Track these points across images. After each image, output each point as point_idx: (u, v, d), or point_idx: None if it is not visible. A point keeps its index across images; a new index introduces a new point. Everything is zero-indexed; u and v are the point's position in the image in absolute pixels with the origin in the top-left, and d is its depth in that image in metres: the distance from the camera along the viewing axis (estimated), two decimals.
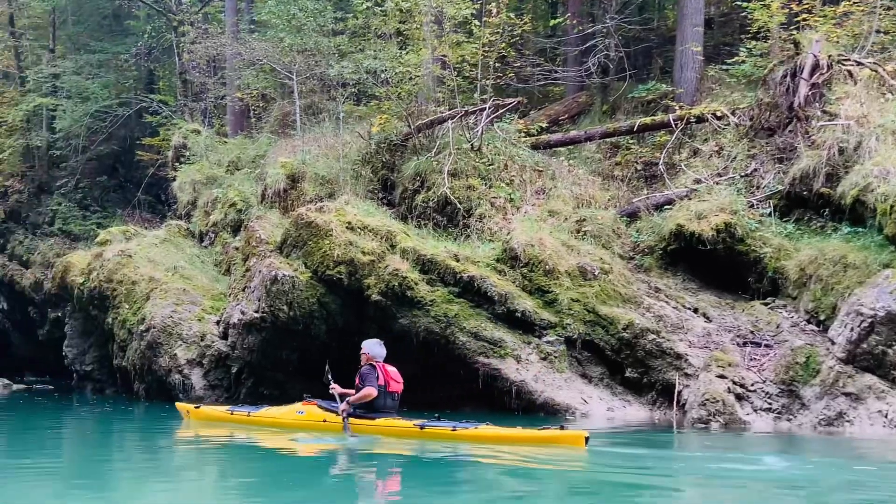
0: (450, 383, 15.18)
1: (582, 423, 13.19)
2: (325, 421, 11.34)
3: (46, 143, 31.18)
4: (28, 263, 30.08)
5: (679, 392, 13.44)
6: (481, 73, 18.42)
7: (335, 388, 11.35)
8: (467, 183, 16.92)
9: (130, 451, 11.84)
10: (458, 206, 16.63)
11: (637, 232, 15.99)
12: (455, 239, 16.19)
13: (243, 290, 16.79)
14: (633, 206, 16.47)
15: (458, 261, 14.96)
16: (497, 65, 18.87)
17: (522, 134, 18.33)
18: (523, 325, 14.45)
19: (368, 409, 11.00)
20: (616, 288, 14.63)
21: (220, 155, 23.32)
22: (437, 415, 11.10)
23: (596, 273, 14.73)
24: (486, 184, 17.02)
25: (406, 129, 18.40)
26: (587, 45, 20.35)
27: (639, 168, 17.90)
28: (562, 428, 9.89)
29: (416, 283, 14.81)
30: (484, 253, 15.40)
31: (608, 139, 18.67)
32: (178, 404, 14.15)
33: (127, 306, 18.76)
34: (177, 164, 23.76)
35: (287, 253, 16.47)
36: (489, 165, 17.27)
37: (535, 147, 18.38)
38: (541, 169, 17.56)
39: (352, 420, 10.96)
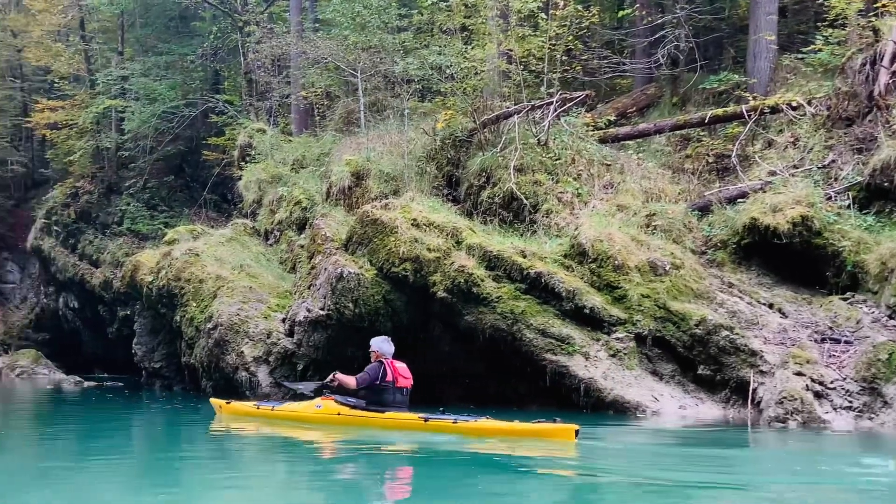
0: (516, 380, 14.97)
1: (654, 421, 12.91)
2: (339, 414, 11.77)
3: (115, 145, 31.80)
4: (98, 263, 30.64)
5: (754, 390, 13.01)
6: (548, 67, 18.15)
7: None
8: (534, 178, 16.66)
9: (199, 447, 11.89)
10: (525, 201, 16.38)
11: (709, 226, 15.54)
12: (521, 235, 15.94)
13: (309, 287, 16.75)
14: (704, 199, 16.03)
15: (524, 257, 14.71)
16: (564, 58, 18.57)
17: (590, 128, 17.99)
18: (592, 321, 14.14)
19: (379, 404, 11.49)
20: (687, 283, 14.24)
21: (285, 153, 23.41)
22: (441, 409, 11.40)
23: (667, 268, 14.36)
24: (552, 179, 16.73)
25: (471, 125, 18.19)
26: (656, 36, 19.92)
27: (710, 161, 17.44)
28: (554, 421, 10.10)
29: (482, 280, 14.60)
30: (551, 249, 15.12)
31: (678, 132, 18.23)
32: (212, 400, 14.54)
33: (194, 304, 18.90)
34: (242, 163, 23.95)
35: (352, 250, 16.40)
36: (556, 160, 16.98)
37: (602, 141, 18.03)
38: (609, 163, 17.23)
39: (360, 414, 11.56)
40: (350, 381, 11.72)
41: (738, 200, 15.40)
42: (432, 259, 15.10)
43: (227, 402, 13.93)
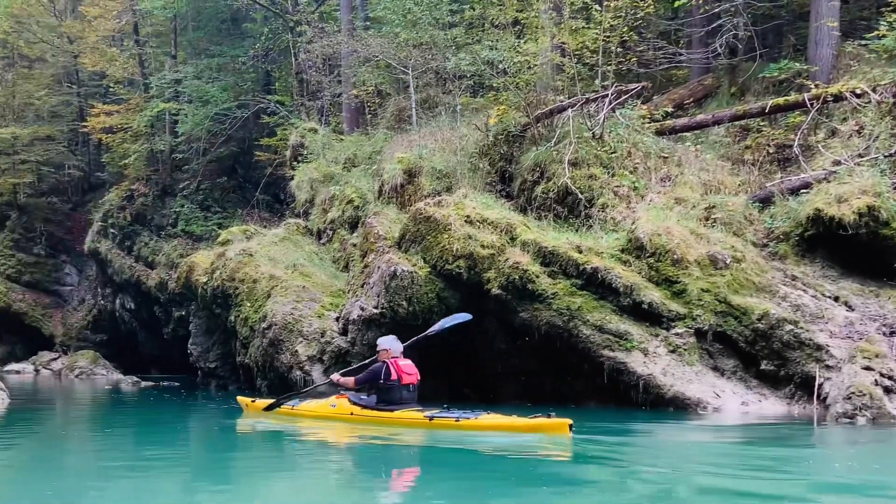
0: (572, 377, 14.70)
1: (715, 418, 12.56)
2: (352, 413, 12.20)
3: (169, 147, 32.14)
4: (153, 264, 30.98)
5: (820, 385, 12.61)
6: (602, 59, 17.83)
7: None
8: (589, 172, 16.35)
9: (255, 447, 11.95)
10: (580, 196, 16.08)
11: (771, 218, 15.12)
12: (576, 230, 15.64)
13: (362, 286, 16.65)
14: (766, 191, 15.60)
15: (580, 252, 14.44)
16: (618, 50, 18.24)
17: (646, 120, 17.63)
18: (650, 316, 13.83)
19: (388, 402, 11.87)
20: (749, 277, 13.87)
21: (337, 152, 23.38)
22: (445, 405, 11.55)
23: (727, 261, 14.00)
24: (608, 172, 16.41)
25: (524, 120, 17.92)
26: (713, 25, 19.45)
27: (771, 151, 16.98)
28: (549, 416, 10.26)
29: (538, 276, 14.37)
30: (607, 243, 14.82)
31: (737, 122, 17.79)
32: (238, 398, 14.99)
33: (249, 304, 18.91)
34: (294, 162, 23.99)
35: (405, 248, 16.25)
36: (611, 153, 16.65)
37: (659, 133, 17.67)
38: (666, 155, 16.86)
39: (371, 413, 11.95)
40: (349, 381, 12.52)
41: (801, 191, 14.96)
42: (486, 256, 14.90)
43: (253, 401, 14.40)
